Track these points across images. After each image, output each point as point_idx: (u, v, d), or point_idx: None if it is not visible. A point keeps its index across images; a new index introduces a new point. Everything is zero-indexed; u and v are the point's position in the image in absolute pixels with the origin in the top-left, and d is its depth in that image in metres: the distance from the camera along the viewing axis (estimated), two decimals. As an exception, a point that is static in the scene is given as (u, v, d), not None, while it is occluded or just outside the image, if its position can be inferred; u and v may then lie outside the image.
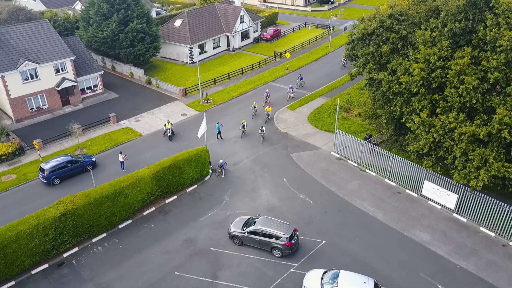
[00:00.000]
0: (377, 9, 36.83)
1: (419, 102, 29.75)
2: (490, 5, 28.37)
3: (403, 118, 31.24)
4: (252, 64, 58.59)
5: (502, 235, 27.38)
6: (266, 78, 54.78)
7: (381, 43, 33.51)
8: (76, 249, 27.15)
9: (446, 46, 29.41)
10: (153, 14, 69.07)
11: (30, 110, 44.32)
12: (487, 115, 27.45)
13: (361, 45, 35.35)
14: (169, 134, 40.03)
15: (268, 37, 71.43)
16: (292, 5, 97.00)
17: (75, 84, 46.41)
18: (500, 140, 26.33)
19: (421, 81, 29.16)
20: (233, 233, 27.12)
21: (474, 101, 27.07)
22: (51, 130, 41.49)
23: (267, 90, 48.09)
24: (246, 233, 26.58)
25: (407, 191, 32.02)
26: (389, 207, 30.51)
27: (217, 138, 39.98)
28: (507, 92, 26.54)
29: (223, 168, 34.07)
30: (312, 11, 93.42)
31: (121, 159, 34.87)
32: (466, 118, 27.39)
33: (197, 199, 31.85)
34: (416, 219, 29.23)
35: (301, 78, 51.92)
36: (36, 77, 43.30)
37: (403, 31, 32.86)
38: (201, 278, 24.83)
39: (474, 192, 27.74)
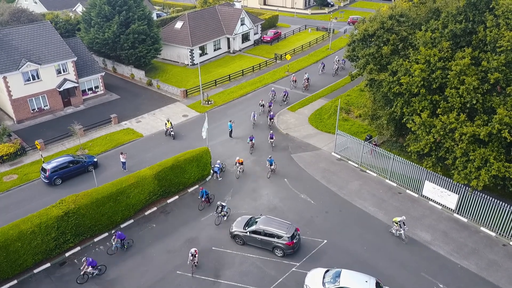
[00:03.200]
0: (378, 11, 37.06)
1: (419, 102, 29.92)
2: (490, 6, 28.61)
3: (404, 119, 31.39)
4: (253, 66, 58.83)
5: (502, 235, 27.48)
6: (266, 80, 55.00)
7: (382, 44, 33.70)
8: (78, 248, 27.21)
9: (447, 47, 29.60)
10: (154, 17, 69.30)
11: (32, 111, 44.45)
12: (488, 115, 27.61)
13: (361, 46, 35.57)
14: (172, 133, 40.27)
15: (269, 39, 71.68)
16: (292, 7, 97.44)
17: (76, 85, 46.58)
18: (500, 140, 26.48)
19: (422, 82, 29.34)
20: (235, 233, 27.19)
21: (474, 102, 27.23)
22: (53, 131, 41.62)
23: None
24: (248, 233, 26.66)
25: (407, 191, 32.14)
26: (390, 207, 30.61)
27: (230, 136, 40.52)
28: (507, 92, 26.70)
29: (216, 172, 33.90)
30: (312, 14, 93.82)
31: (122, 160, 34.98)
32: (466, 119, 27.53)
33: (199, 199, 31.91)
34: (417, 219, 29.33)
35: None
36: (38, 78, 43.46)
37: (403, 32, 33.10)
38: (203, 277, 24.89)
39: (475, 192, 27.85)
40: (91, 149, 38.83)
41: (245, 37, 68.74)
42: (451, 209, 29.78)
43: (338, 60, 57.23)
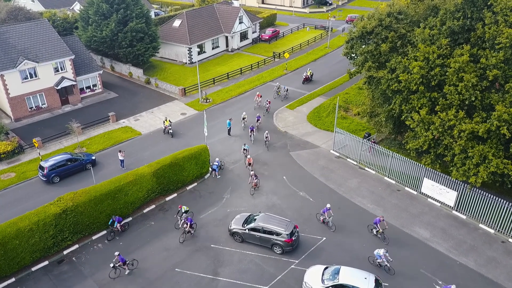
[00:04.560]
0: (376, 8, 37.02)
1: (418, 100, 29.90)
2: (488, 3, 28.61)
3: (403, 116, 31.38)
4: (251, 64, 58.74)
5: (501, 231, 27.49)
6: (265, 78, 54.92)
7: (380, 42, 33.67)
8: (76, 246, 27.11)
9: (445, 44, 29.59)
10: (152, 15, 69.11)
11: (29, 109, 44.27)
12: (486, 112, 27.62)
13: (360, 44, 35.54)
14: (170, 131, 40.21)
15: (267, 38, 71.61)
16: (290, 6, 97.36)
17: (74, 83, 46.41)
18: (499, 137, 26.50)
19: (420, 79, 29.31)
20: (234, 230, 27.13)
21: (473, 99, 27.23)
22: (50, 129, 41.48)
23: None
24: (247, 230, 26.60)
25: (406, 188, 32.13)
26: (389, 204, 30.61)
27: (228, 134, 40.48)
28: (506, 89, 26.73)
29: (214, 170, 33.86)
30: (310, 12, 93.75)
31: (120, 158, 34.88)
32: (465, 116, 27.55)
33: (197, 196, 31.88)
34: (416, 216, 29.33)
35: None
36: (35, 76, 43.29)
37: (402, 29, 33.07)
38: (201, 275, 24.82)
39: (473, 189, 27.86)
40: (89, 147, 38.70)
41: (244, 36, 68.64)
42: (450, 206, 29.78)
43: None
